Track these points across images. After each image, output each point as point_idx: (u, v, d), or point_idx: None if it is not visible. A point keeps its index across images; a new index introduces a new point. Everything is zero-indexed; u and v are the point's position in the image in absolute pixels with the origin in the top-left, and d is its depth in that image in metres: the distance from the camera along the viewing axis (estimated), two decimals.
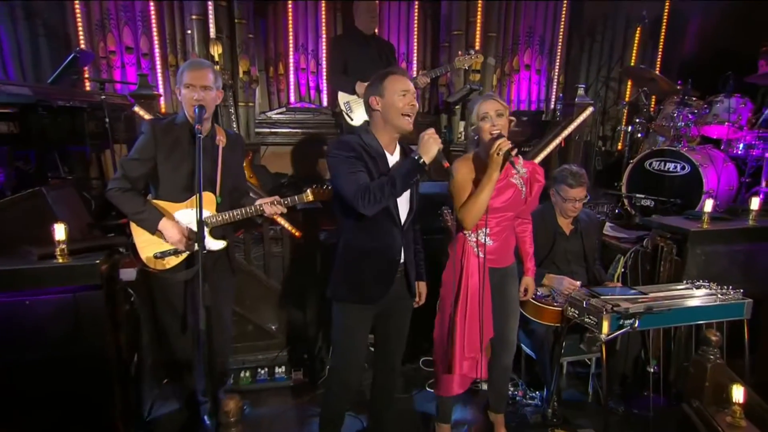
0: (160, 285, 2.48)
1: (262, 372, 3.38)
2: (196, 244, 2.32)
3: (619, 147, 5.32)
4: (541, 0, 5.08)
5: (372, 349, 2.58)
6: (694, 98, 4.16)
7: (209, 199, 2.43)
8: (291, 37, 4.70)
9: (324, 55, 4.74)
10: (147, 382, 2.95)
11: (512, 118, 2.42)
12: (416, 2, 4.90)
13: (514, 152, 2.20)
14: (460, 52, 4.20)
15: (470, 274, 2.43)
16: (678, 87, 4.34)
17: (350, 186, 2.00)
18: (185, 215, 2.43)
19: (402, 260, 2.27)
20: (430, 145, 2.02)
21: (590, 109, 4.30)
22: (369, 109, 2.14)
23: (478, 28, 4.72)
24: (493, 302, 2.51)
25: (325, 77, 4.77)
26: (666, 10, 5.34)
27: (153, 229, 2.38)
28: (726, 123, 3.94)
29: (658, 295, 2.69)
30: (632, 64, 5.30)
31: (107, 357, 2.37)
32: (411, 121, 2.12)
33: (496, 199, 2.42)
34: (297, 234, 3.53)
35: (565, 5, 5.18)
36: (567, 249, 3.12)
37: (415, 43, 4.96)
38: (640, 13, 4.85)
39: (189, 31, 4.10)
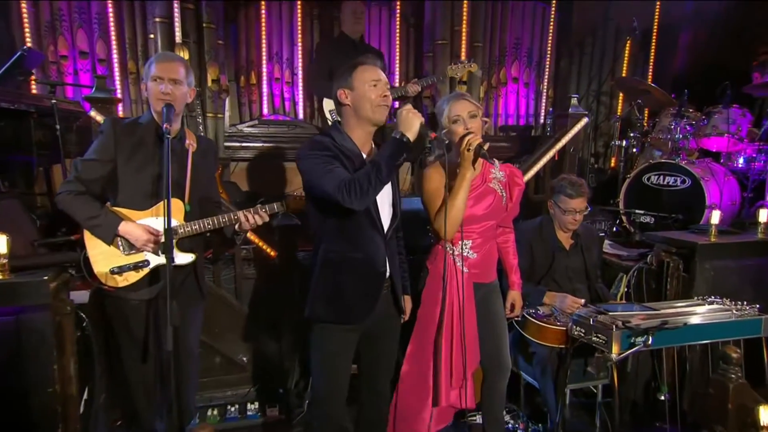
0: (118, 306, 2.32)
1: (232, 409, 3.21)
2: (161, 256, 2.21)
3: (612, 164, 5.46)
4: (528, 0, 5.18)
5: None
6: (690, 110, 4.24)
7: (177, 206, 2.32)
8: (264, 45, 4.67)
9: (300, 64, 4.75)
10: (98, 422, 2.74)
11: (486, 119, 2.45)
12: (397, 10, 4.97)
13: (486, 147, 2.20)
14: (453, 62, 4.26)
15: (454, 291, 2.38)
16: (673, 98, 4.45)
17: (331, 181, 1.95)
18: (149, 225, 2.30)
19: (388, 272, 2.20)
20: (411, 120, 1.99)
21: (585, 120, 4.38)
22: (338, 104, 2.13)
23: (464, 38, 4.75)
24: (479, 322, 2.46)
25: (301, 88, 4.78)
26: (655, 23, 5.53)
27: (111, 236, 2.23)
28: (726, 134, 4.01)
29: (669, 311, 2.64)
30: (623, 74, 5.46)
31: (52, 391, 2.20)
32: (386, 113, 2.10)
33: (477, 206, 2.41)
34: (272, 254, 3.44)
35: (552, 16, 5.30)
36: (568, 265, 3.10)
37: (397, 53, 5.02)
38: (630, 25, 4.99)
39: (152, 36, 4.02)
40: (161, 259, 2.21)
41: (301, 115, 4.79)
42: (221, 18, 4.28)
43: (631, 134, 4.71)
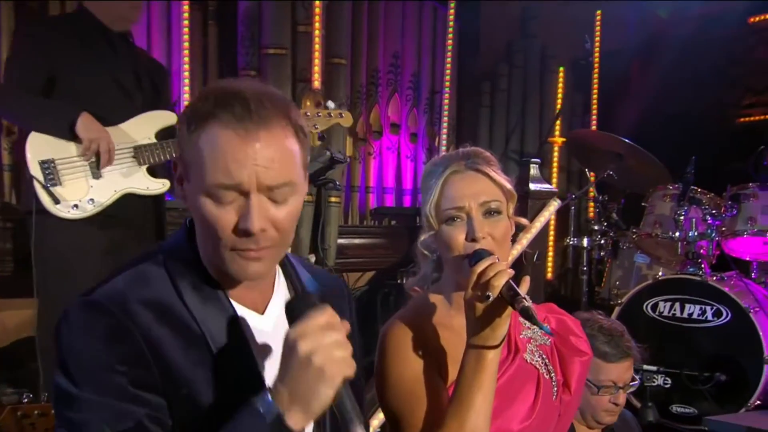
0: None
1: None
2: None
3: (549, 274, 5.50)
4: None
5: None
6: (699, 190, 4.19)
7: None
8: None
9: None
10: None
11: (524, 221, 2.08)
12: None
13: (524, 297, 1.69)
14: (308, 103, 3.86)
15: None
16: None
17: None
18: None
19: None
20: (323, 380, 1.33)
21: (556, 203, 4.32)
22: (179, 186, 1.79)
23: (316, 48, 4.57)
24: None
25: None
26: (596, 48, 5.64)
27: None
28: None
29: None
30: (557, 128, 5.47)
31: None
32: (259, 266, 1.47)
33: (510, 411, 2.03)
34: None
35: (451, 25, 5.31)
36: None
37: (186, 67, 4.48)
38: (582, 44, 5.08)
39: None
40: None
41: None
42: None
43: (594, 227, 4.75)
